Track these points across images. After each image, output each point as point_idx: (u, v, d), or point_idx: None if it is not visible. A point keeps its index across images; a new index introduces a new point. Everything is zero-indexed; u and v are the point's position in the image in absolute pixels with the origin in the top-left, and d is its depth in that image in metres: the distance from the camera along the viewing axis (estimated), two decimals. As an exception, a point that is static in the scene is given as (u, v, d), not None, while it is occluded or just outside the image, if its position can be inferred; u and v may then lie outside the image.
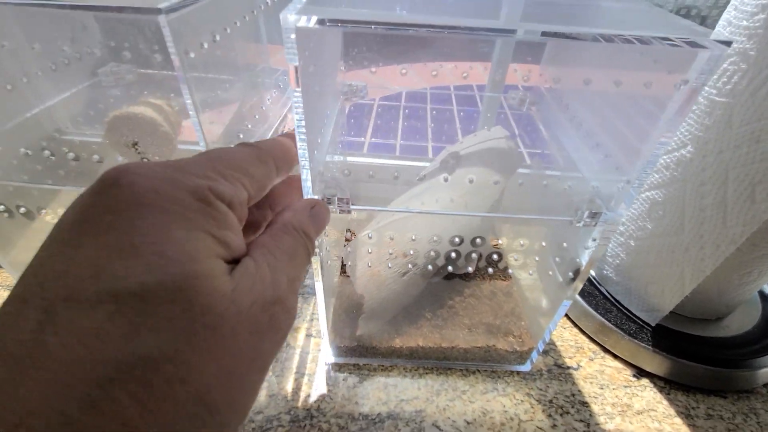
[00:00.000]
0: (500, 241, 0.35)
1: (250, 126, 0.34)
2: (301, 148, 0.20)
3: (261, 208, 0.18)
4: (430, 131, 0.44)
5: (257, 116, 0.37)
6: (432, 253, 0.30)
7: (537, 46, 0.34)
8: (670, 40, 0.16)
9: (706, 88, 0.27)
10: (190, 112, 0.18)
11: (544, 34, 0.17)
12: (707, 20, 0.41)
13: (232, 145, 0.16)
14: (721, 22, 0.27)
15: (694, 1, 0.38)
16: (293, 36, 0.16)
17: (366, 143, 0.47)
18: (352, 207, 0.23)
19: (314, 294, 0.40)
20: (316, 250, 0.26)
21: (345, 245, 0.37)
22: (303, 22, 0.16)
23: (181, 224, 0.12)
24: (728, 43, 0.16)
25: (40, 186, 0.30)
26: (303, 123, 0.19)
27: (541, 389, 0.33)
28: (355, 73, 0.33)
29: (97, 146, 0.32)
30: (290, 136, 0.19)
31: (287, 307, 0.14)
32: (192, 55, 0.19)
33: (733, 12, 0.26)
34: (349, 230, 0.40)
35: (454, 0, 0.24)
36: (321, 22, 0.16)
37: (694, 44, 0.16)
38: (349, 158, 0.44)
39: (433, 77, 0.33)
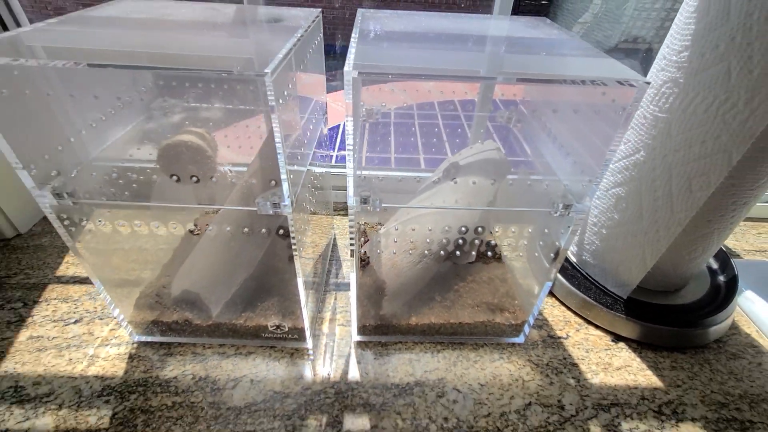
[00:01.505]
0: (497, 230, 0.42)
1: (303, 150, 0.40)
2: (349, 162, 0.26)
3: None
4: (421, 145, 0.51)
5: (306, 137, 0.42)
6: (444, 241, 0.37)
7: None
8: (626, 82, 0.24)
9: (651, 107, 0.35)
10: (278, 144, 0.24)
11: (519, 80, 0.24)
12: (653, 46, 0.49)
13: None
14: (659, 55, 0.35)
15: (639, 32, 0.46)
16: (351, 84, 0.23)
17: (371, 157, 0.53)
18: (382, 205, 0.29)
19: (337, 290, 0.46)
20: (351, 248, 0.33)
21: (364, 241, 0.44)
22: (356, 74, 0.23)
23: None
24: (648, 83, 0.23)
25: (115, 203, 0.36)
26: (351, 143, 0.26)
27: (538, 356, 0.40)
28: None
29: (151, 170, 0.38)
30: None
31: None
32: (281, 100, 0.25)
33: (666, 49, 0.34)
34: (366, 224, 0.47)
35: (444, 36, 0.31)
36: (366, 74, 0.23)
37: (629, 84, 0.24)
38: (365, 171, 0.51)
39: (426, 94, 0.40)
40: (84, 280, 0.45)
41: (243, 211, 0.36)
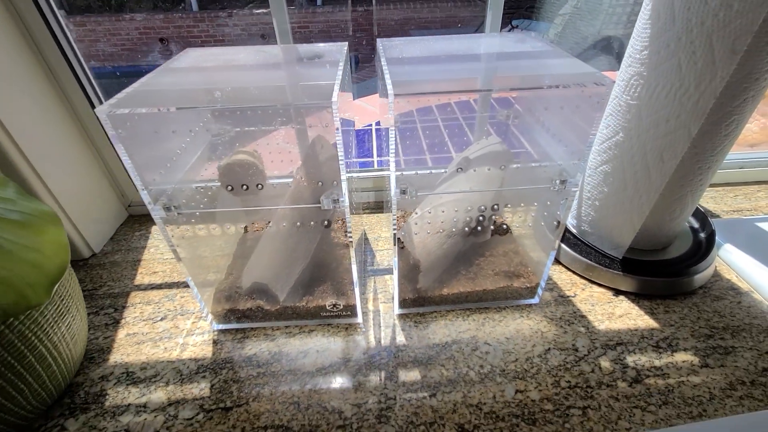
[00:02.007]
0: (507, 206, 0.50)
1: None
2: (391, 163, 0.34)
3: None
4: (426, 146, 0.59)
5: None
6: (467, 218, 0.44)
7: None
8: (594, 81, 0.31)
9: (624, 96, 0.43)
10: (341, 155, 0.32)
11: (512, 89, 0.32)
12: (624, 44, 0.57)
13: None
14: (626, 54, 0.43)
15: (615, 33, 0.54)
16: (392, 102, 0.31)
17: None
18: (418, 193, 0.37)
19: (374, 275, 0.54)
20: (394, 232, 0.40)
21: (399, 226, 0.51)
22: (397, 92, 0.31)
23: None
24: (613, 82, 0.31)
25: (207, 210, 0.43)
26: (394, 147, 0.33)
27: (552, 312, 0.47)
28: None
29: (215, 188, 0.45)
30: None
31: None
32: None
33: (630, 49, 0.42)
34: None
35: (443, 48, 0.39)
36: (403, 96, 0.31)
37: (600, 84, 0.32)
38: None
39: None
40: (159, 286, 0.53)
41: (296, 209, 0.43)
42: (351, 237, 0.38)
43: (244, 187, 0.43)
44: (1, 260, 0.28)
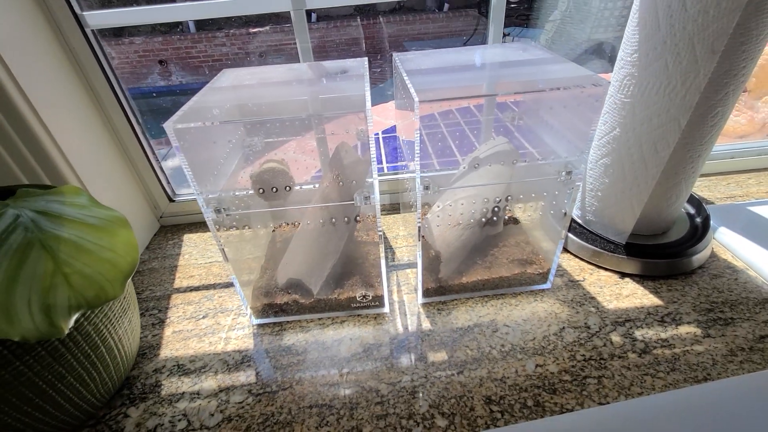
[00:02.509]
0: (519, 197, 0.54)
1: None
2: (417, 164, 0.38)
3: None
4: (431, 148, 0.63)
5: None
6: (484, 209, 0.49)
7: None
8: (592, 83, 0.36)
9: (618, 95, 0.47)
10: (373, 156, 0.36)
11: (516, 92, 0.37)
12: (615, 48, 0.62)
13: None
14: (618, 57, 0.48)
15: (604, 37, 0.59)
16: (417, 108, 0.35)
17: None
18: (440, 188, 0.41)
19: (396, 270, 0.58)
20: (418, 225, 0.45)
21: (421, 220, 0.56)
22: (419, 101, 0.35)
23: None
24: (608, 83, 0.36)
25: (255, 211, 0.48)
26: (419, 152, 0.38)
27: (564, 295, 0.51)
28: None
29: (249, 194, 0.49)
30: None
31: None
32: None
33: (622, 52, 0.47)
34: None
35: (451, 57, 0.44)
36: (427, 102, 0.36)
37: (597, 85, 0.36)
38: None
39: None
40: (197, 288, 0.57)
41: (326, 208, 0.48)
42: (381, 230, 0.42)
43: (274, 189, 0.47)
44: (85, 259, 0.32)
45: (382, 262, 0.45)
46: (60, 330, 0.29)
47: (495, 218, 0.50)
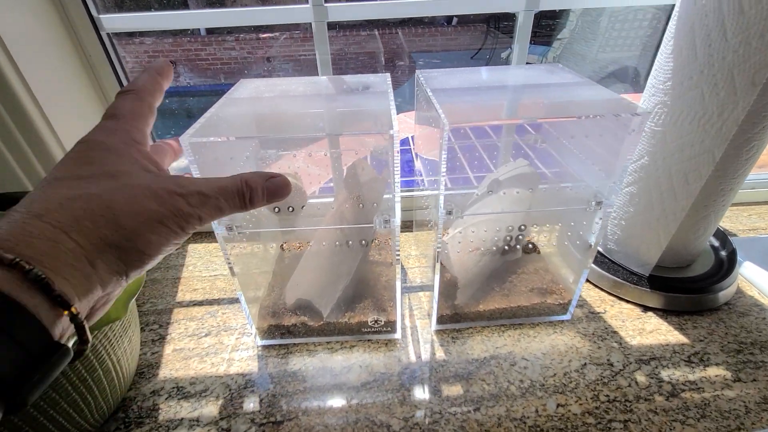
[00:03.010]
0: (535, 228, 0.52)
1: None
2: (441, 185, 0.37)
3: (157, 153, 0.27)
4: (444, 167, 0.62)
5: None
6: (504, 237, 0.46)
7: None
8: (633, 112, 0.34)
9: (649, 123, 0.46)
10: (396, 177, 0.35)
11: (540, 119, 0.35)
12: (639, 71, 0.61)
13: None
14: (648, 84, 0.46)
15: (628, 62, 0.58)
16: (446, 132, 0.34)
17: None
18: (464, 214, 0.39)
19: (408, 292, 0.55)
20: (438, 250, 0.43)
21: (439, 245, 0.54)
22: (452, 124, 0.33)
23: (117, 156, 0.21)
24: (649, 113, 0.34)
25: (267, 230, 0.46)
26: (444, 175, 0.36)
27: (584, 328, 0.49)
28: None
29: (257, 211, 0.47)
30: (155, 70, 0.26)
31: (188, 204, 0.20)
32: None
33: (653, 80, 0.45)
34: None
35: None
36: (456, 127, 0.34)
37: (636, 114, 0.34)
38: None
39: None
40: (201, 303, 0.54)
41: (339, 228, 0.46)
42: (399, 255, 0.40)
43: (290, 209, 0.45)
44: (87, 277, 0.30)
45: (398, 286, 0.43)
46: (57, 356, 0.27)
47: (516, 245, 0.48)
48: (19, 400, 0.15)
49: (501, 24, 4.18)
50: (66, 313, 0.17)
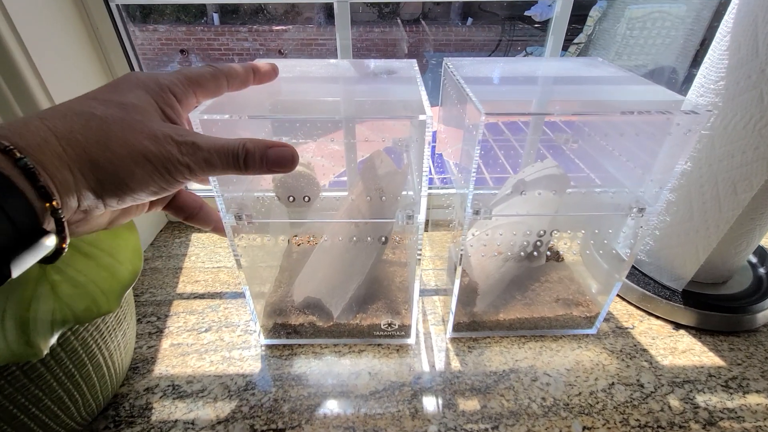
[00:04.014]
0: (564, 233, 0.49)
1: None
2: (471, 184, 0.33)
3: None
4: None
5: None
6: (525, 243, 0.43)
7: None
8: (691, 110, 0.31)
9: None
10: (425, 169, 0.31)
11: (574, 113, 0.31)
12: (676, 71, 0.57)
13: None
14: (695, 83, 0.43)
15: (665, 62, 0.54)
16: (483, 121, 0.30)
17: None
18: (493, 214, 0.36)
19: (422, 296, 0.52)
20: (461, 253, 0.39)
21: (457, 249, 0.50)
22: (489, 118, 0.30)
23: (142, 94, 0.22)
24: (710, 111, 0.31)
25: (277, 221, 0.42)
26: (475, 168, 0.33)
27: (611, 344, 0.45)
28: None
29: (269, 200, 0.44)
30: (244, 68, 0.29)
31: (179, 151, 0.21)
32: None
33: (703, 79, 0.41)
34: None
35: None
36: (493, 115, 0.30)
37: (694, 113, 0.31)
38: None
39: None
40: (202, 296, 0.51)
41: (353, 223, 0.42)
42: (420, 253, 0.37)
43: (306, 198, 0.42)
44: (78, 264, 0.27)
45: (416, 287, 0.40)
46: (37, 351, 0.24)
47: (536, 253, 0.45)
48: (6, 271, 0.17)
49: (517, 26, 4.13)
50: (48, 205, 0.18)
